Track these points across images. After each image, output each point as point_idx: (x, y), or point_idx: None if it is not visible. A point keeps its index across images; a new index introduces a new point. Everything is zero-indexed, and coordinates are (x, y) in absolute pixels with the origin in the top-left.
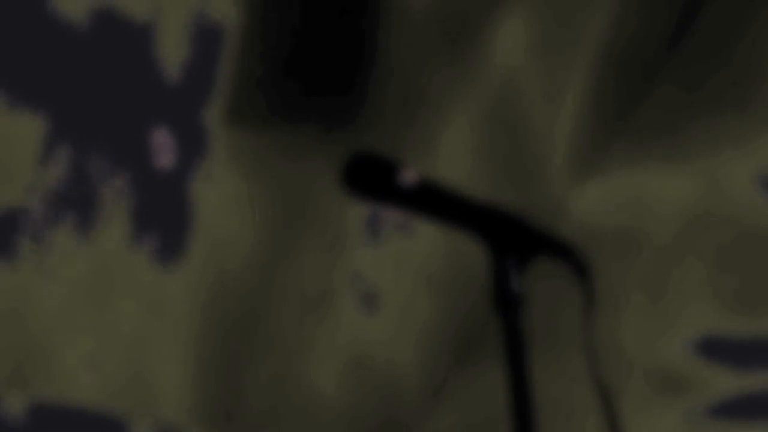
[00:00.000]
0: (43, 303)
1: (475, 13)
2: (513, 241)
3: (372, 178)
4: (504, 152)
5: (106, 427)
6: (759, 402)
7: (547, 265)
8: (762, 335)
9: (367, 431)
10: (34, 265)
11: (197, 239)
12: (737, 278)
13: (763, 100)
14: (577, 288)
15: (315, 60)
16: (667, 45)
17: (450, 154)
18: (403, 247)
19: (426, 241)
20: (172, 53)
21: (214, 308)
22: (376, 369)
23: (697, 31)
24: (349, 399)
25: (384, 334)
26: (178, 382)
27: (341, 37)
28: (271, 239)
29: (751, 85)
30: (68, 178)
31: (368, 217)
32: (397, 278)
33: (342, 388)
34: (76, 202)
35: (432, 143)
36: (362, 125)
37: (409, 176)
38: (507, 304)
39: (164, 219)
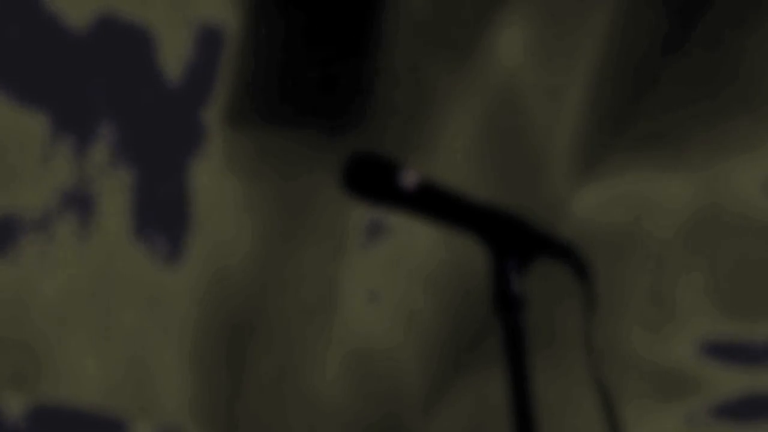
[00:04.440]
0: (44, 299)
1: (475, 16)
2: (513, 242)
3: (372, 179)
4: (504, 153)
5: (106, 427)
6: (763, 403)
7: (548, 266)
8: (766, 336)
9: (367, 430)
10: (35, 262)
11: (197, 238)
12: (741, 280)
13: None
14: (578, 289)
15: (315, 61)
16: (669, 47)
17: (450, 155)
18: (403, 247)
19: (425, 242)
20: (173, 54)
21: (214, 306)
22: (377, 369)
23: (700, 33)
24: (349, 398)
25: (384, 334)
26: (178, 378)
27: (341, 39)
28: (270, 239)
29: (757, 89)
30: (69, 175)
31: (368, 218)
32: (396, 279)
33: (342, 387)
34: (77, 200)
35: (433, 144)
36: (363, 126)
37: (409, 177)
38: (507, 305)
39: (165, 217)
